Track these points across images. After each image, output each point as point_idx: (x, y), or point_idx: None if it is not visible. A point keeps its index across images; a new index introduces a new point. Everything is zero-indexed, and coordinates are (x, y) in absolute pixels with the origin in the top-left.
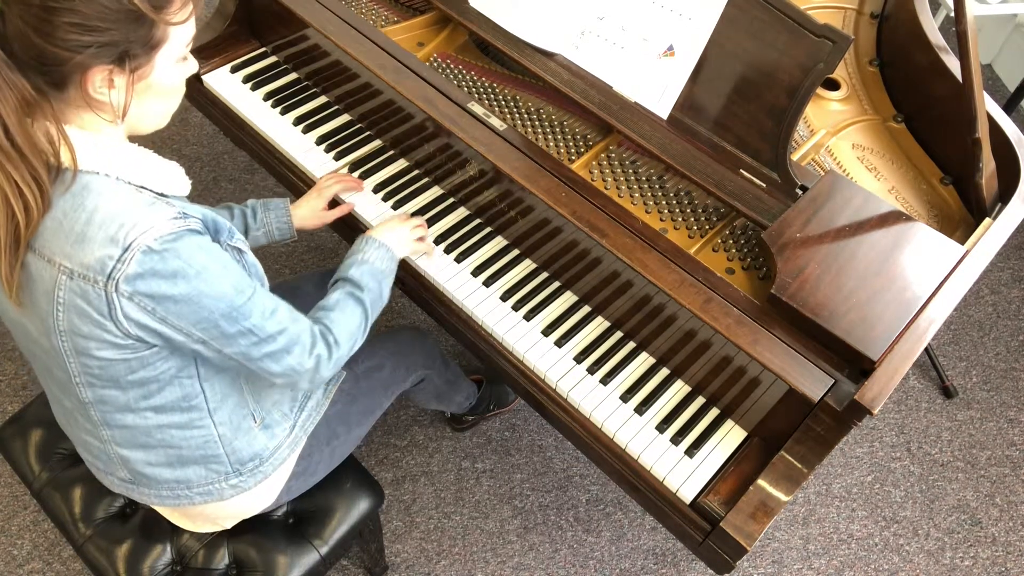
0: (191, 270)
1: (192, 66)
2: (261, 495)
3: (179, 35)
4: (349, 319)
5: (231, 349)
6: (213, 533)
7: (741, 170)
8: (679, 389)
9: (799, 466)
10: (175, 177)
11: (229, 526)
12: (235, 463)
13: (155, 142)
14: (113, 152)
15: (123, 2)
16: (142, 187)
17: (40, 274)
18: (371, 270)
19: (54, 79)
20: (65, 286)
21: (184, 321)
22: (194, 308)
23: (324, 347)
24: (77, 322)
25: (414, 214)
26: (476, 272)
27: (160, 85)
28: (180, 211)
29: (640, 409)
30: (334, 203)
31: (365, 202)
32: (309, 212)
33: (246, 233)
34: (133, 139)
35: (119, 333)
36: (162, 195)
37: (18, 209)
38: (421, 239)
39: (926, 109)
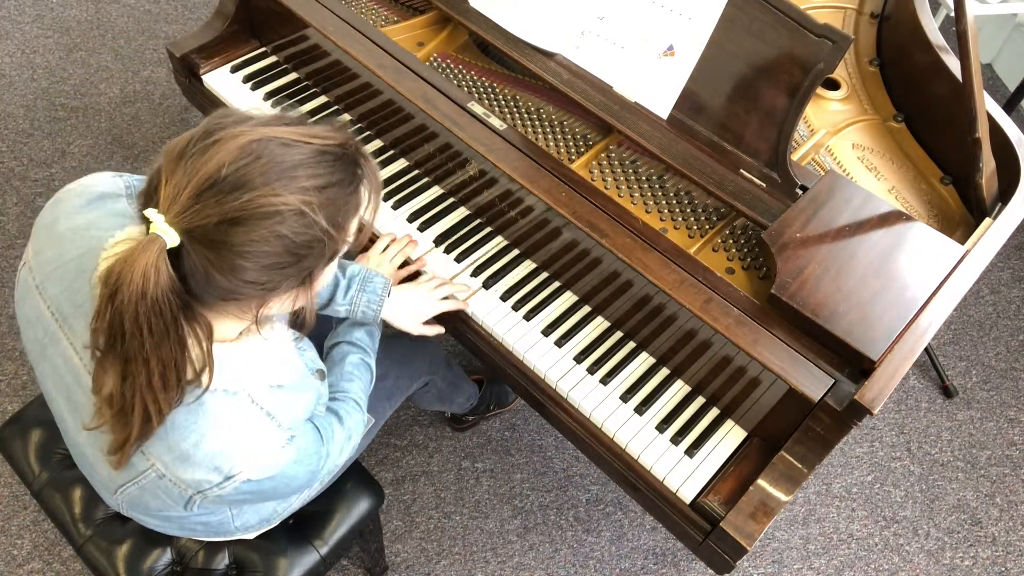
0: (281, 485)
1: None
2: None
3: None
4: (365, 383)
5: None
6: None
7: (741, 170)
8: (679, 389)
9: (799, 466)
10: (291, 369)
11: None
12: (242, 528)
13: (155, 143)
14: (243, 366)
15: (311, 234)
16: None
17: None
18: (370, 331)
19: (225, 301)
20: (151, 480)
21: (252, 502)
22: (268, 498)
23: (353, 423)
24: (148, 499)
25: (414, 214)
26: (476, 272)
27: (321, 283)
28: (290, 433)
29: (640, 409)
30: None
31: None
32: (408, 313)
33: (330, 300)
34: None
35: (185, 512)
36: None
37: (136, 428)
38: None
39: (926, 109)
